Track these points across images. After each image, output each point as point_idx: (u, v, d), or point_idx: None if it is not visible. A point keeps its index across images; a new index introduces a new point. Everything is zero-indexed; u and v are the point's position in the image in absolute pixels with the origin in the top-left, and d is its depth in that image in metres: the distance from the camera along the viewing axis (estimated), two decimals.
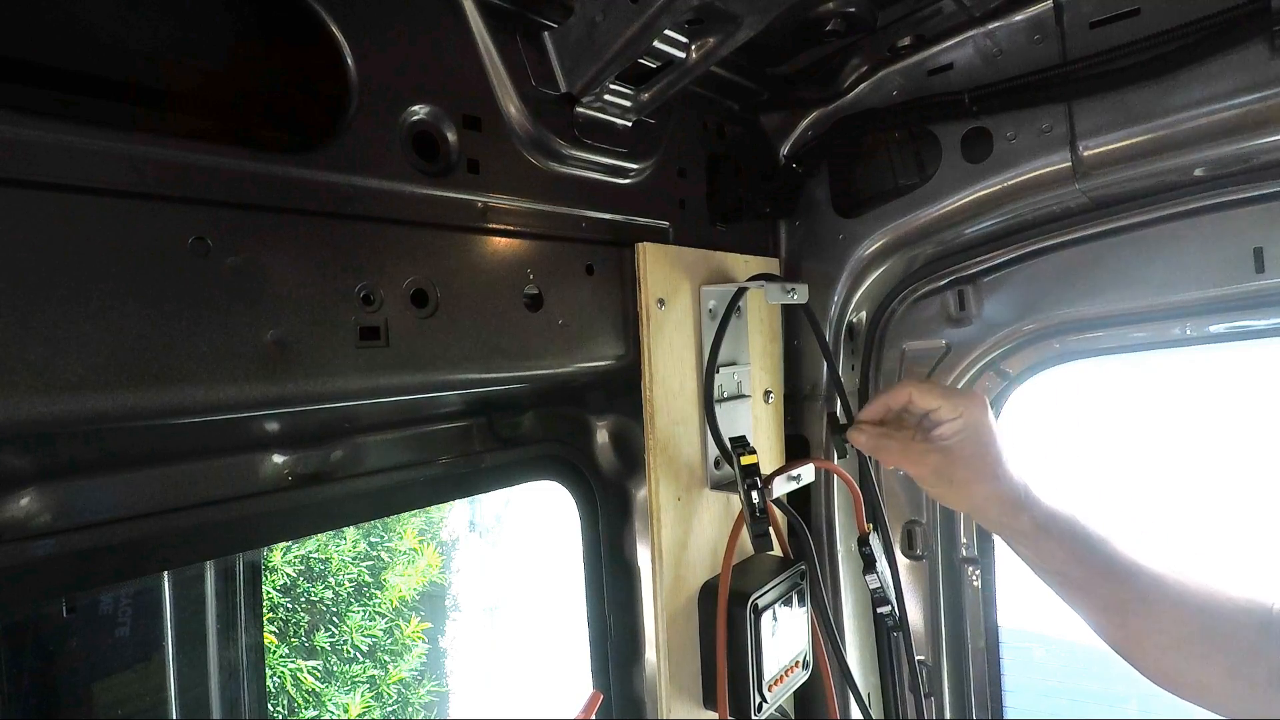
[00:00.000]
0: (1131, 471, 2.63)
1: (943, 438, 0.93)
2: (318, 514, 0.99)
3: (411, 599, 5.47)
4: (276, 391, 0.70)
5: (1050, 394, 1.41)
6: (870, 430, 0.99)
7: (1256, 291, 1.09)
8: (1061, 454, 0.92)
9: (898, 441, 0.96)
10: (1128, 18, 1.03)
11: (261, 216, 0.70)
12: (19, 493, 0.75)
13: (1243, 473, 2.47)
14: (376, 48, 0.78)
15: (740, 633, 1.08)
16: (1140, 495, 2.58)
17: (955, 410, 0.93)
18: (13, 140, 0.57)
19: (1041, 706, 2.82)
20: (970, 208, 1.19)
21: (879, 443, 0.98)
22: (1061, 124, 1.08)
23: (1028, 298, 1.28)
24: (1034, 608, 0.98)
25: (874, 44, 1.21)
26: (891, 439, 0.97)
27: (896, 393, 0.98)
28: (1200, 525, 2.63)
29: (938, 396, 0.94)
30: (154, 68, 0.73)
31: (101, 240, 0.60)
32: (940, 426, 0.94)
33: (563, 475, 1.31)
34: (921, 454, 0.94)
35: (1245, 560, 1.04)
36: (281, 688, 4.61)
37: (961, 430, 0.92)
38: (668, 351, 1.08)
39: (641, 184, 1.11)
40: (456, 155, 0.86)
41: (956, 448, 0.92)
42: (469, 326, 0.87)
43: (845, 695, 1.27)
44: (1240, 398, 2.30)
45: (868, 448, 0.99)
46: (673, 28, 0.90)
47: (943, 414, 0.94)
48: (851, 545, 1.35)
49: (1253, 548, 2.34)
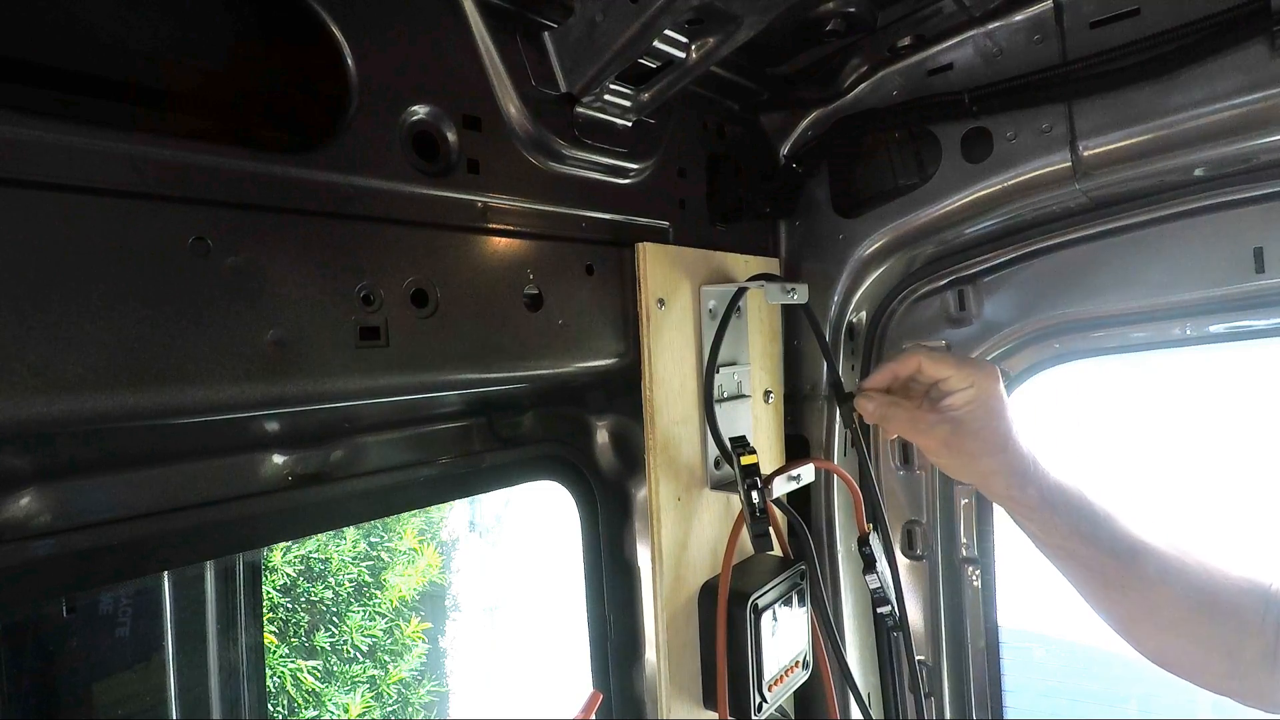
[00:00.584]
0: (1132, 471, 2.63)
1: (952, 408, 0.90)
2: (318, 514, 0.99)
3: (411, 599, 5.47)
4: (276, 391, 0.70)
5: (1050, 394, 1.41)
6: (878, 398, 0.96)
7: (1256, 291, 1.09)
8: (1062, 453, 0.92)
9: (905, 410, 0.93)
10: (1128, 18, 1.03)
11: (261, 216, 0.70)
12: (19, 493, 0.75)
13: (1243, 472, 2.47)
14: (376, 48, 0.78)
15: (740, 633, 1.08)
16: (1140, 495, 2.58)
17: (966, 379, 0.90)
18: (13, 140, 0.57)
19: (1041, 706, 2.82)
20: (970, 208, 1.19)
21: (886, 411, 0.95)
22: (1061, 124, 1.08)
23: (1028, 298, 1.28)
24: (1034, 608, 0.97)
25: (874, 44, 1.21)
26: (899, 407, 0.94)
27: (905, 360, 0.95)
28: (1201, 524, 2.63)
29: (949, 365, 0.91)
30: (154, 68, 0.73)
31: (101, 240, 0.60)
32: (950, 396, 0.91)
33: (563, 475, 1.31)
34: (930, 425, 0.91)
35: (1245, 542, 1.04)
36: (281, 688, 4.61)
37: (972, 401, 0.89)
38: (668, 351, 1.08)
39: (641, 184, 1.11)
40: (456, 155, 0.86)
41: (966, 419, 0.89)
42: (469, 326, 0.87)
43: (845, 695, 1.27)
44: (1240, 398, 2.30)
45: (874, 416, 0.96)
46: (673, 28, 0.90)
47: (953, 383, 0.91)
48: (851, 545, 1.35)
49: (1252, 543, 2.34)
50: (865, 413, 0.97)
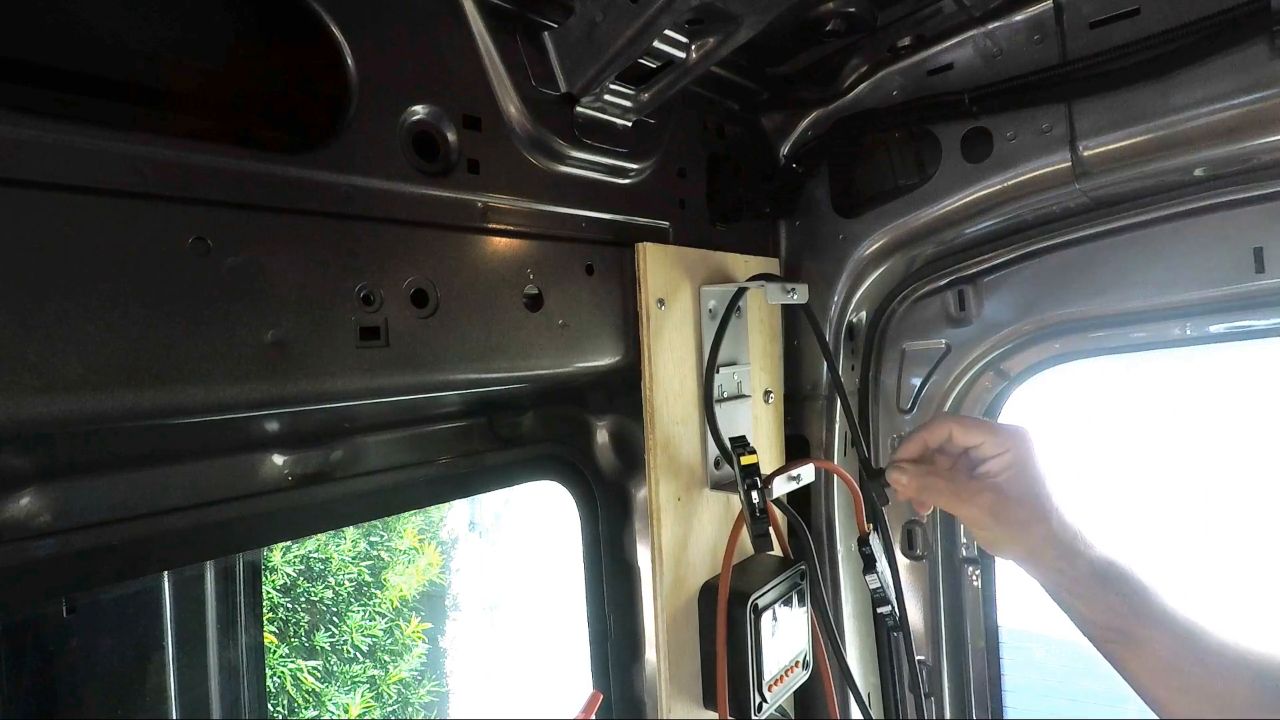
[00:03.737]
0: (1131, 470, 2.63)
1: (991, 474, 0.85)
2: (318, 514, 0.99)
3: (411, 599, 5.47)
4: (276, 391, 0.70)
5: (1051, 394, 1.41)
6: (912, 469, 0.90)
7: (1256, 291, 1.09)
8: (1063, 453, 0.91)
9: (945, 480, 0.88)
10: (1128, 18, 1.03)
11: (261, 216, 0.70)
12: (19, 493, 0.75)
13: (1242, 472, 2.47)
14: (376, 48, 0.78)
15: (740, 633, 1.08)
16: (1140, 494, 2.58)
17: (1001, 445, 0.86)
18: (13, 140, 0.57)
19: (1041, 706, 2.82)
20: (970, 208, 1.19)
21: (924, 482, 0.89)
22: (1061, 124, 1.08)
23: (1028, 298, 1.28)
24: (1034, 608, 0.96)
25: (874, 44, 1.21)
26: (938, 477, 0.88)
27: (936, 428, 0.90)
28: (1200, 524, 2.63)
29: (982, 431, 0.87)
30: (154, 68, 0.73)
31: (101, 240, 0.60)
32: (987, 463, 0.86)
33: (563, 475, 1.31)
34: (973, 493, 0.85)
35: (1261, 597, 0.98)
36: (281, 688, 4.61)
37: (1010, 466, 0.85)
38: (668, 352, 1.08)
39: (641, 184, 1.11)
40: (456, 155, 0.86)
41: (1006, 485, 0.84)
42: (469, 326, 0.87)
43: (845, 695, 1.27)
44: (1240, 398, 2.30)
45: (912, 489, 0.90)
46: (673, 28, 0.90)
47: (986, 449, 0.86)
48: (851, 545, 1.35)
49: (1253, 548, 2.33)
50: (900, 486, 0.91)
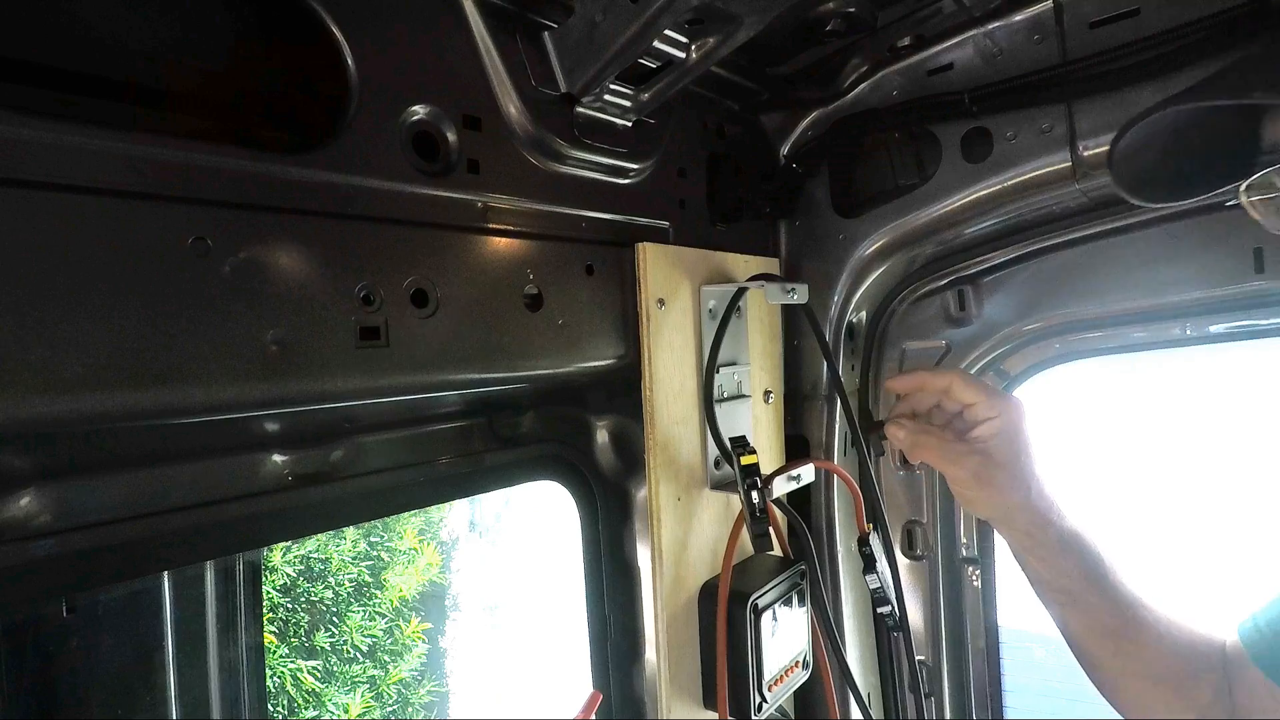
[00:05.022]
0: (1131, 470, 2.63)
1: (979, 439, 0.90)
2: (318, 514, 0.99)
3: (411, 599, 5.47)
4: (276, 391, 0.70)
5: (1050, 394, 1.41)
6: (909, 425, 0.94)
7: (1256, 291, 1.09)
8: (1063, 453, 0.92)
9: (936, 438, 0.92)
10: (1128, 18, 1.02)
11: (261, 216, 0.70)
12: (19, 493, 0.75)
13: (1242, 471, 2.47)
14: (376, 48, 0.78)
15: (740, 633, 1.08)
16: (1140, 494, 2.58)
17: (993, 409, 0.90)
18: (13, 140, 0.57)
19: (1041, 706, 2.83)
20: (970, 208, 1.19)
21: (918, 438, 0.93)
22: (1061, 124, 1.08)
23: (1028, 298, 1.28)
24: (1034, 608, 0.97)
25: (874, 44, 1.21)
26: (930, 435, 0.93)
27: (940, 374, 0.94)
28: (1200, 524, 2.63)
29: (978, 392, 0.91)
30: (154, 68, 0.73)
31: (101, 240, 0.60)
32: (977, 427, 0.91)
33: (563, 475, 1.31)
34: (961, 454, 0.90)
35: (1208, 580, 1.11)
36: (281, 688, 4.61)
37: (999, 433, 0.89)
38: (668, 351, 1.08)
39: (641, 184, 1.11)
40: (456, 155, 0.86)
41: (993, 450, 0.89)
42: (469, 326, 0.87)
43: (845, 695, 1.27)
44: (1240, 397, 2.31)
45: (906, 443, 0.94)
46: (673, 28, 0.90)
47: (979, 411, 0.91)
48: (851, 545, 1.35)
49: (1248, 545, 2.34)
50: (896, 440, 0.95)
